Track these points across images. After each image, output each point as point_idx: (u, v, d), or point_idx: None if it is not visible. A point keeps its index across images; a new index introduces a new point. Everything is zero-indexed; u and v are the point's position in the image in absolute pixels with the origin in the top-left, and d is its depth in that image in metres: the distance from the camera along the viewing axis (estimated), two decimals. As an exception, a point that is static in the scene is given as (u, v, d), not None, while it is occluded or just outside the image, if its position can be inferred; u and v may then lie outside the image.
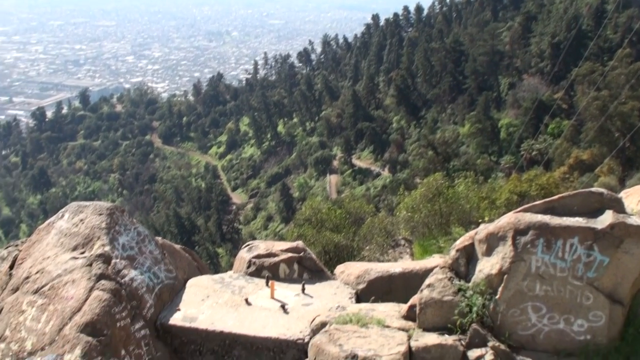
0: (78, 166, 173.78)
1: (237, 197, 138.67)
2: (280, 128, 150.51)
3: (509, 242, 8.75)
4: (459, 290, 9.07)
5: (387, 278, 11.53)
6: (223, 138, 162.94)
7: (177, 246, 12.51)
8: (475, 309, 8.78)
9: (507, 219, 8.97)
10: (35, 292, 10.01)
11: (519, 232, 8.73)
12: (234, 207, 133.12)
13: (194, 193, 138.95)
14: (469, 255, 9.40)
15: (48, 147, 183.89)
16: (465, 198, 23.75)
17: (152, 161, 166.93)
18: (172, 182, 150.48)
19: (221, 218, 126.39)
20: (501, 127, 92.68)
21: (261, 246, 12.62)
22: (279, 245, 12.68)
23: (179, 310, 10.63)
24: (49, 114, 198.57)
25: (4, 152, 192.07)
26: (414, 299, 9.44)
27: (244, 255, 12.44)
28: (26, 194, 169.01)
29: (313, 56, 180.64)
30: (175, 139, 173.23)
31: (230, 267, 12.46)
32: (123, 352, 9.36)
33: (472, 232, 9.60)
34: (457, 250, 9.50)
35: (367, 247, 24.14)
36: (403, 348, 8.65)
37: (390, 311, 9.86)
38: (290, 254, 12.26)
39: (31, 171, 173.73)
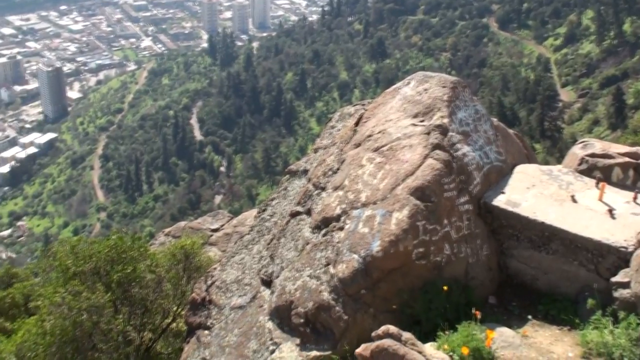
0: (413, 41, 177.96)
1: (565, 95, 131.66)
2: (626, 27, 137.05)
3: None
4: None
5: None
6: (562, 30, 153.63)
7: (511, 131, 12.45)
8: None
9: None
10: (375, 150, 10.76)
11: None
12: (560, 104, 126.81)
13: (521, 84, 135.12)
14: None
15: (389, 19, 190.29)
16: None
17: (485, 45, 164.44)
18: (501, 69, 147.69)
19: (544, 113, 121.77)
20: None
21: (597, 145, 12.00)
22: (616, 148, 11.93)
23: (503, 193, 10.70)
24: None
25: (349, 19, 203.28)
26: None
27: (577, 151, 11.96)
28: (363, 62, 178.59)
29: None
30: (512, 25, 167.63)
31: (544, 164, 12.08)
32: (445, 221, 9.77)
33: None
34: None
35: None
36: None
37: None
38: (627, 159, 11.48)
39: (370, 40, 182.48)
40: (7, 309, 21.30)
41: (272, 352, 9.99)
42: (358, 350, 7.75)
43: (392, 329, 7.74)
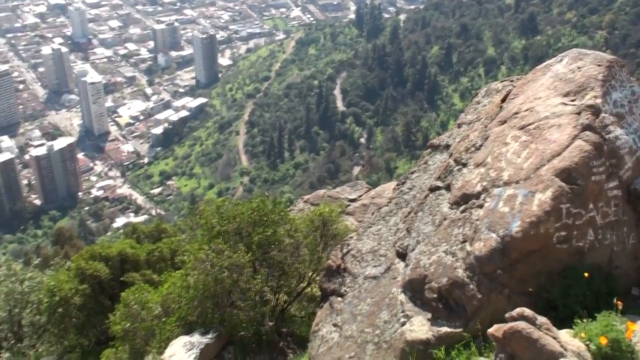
0: (567, 17, 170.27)
1: None
2: None
3: None
4: None
5: None
6: None
7: (672, 115, 11.69)
8: None
9: None
10: (521, 128, 10.45)
11: None
12: None
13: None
14: None
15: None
16: None
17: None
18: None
19: None
20: None
21: None
22: None
23: (656, 180, 10.14)
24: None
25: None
26: None
27: None
28: (512, 37, 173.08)
29: None
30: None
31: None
32: (591, 206, 9.38)
33: None
34: None
35: None
36: None
37: None
38: None
39: (521, 15, 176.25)
40: (155, 262, 22.59)
41: (403, 324, 10.06)
42: (490, 330, 7.66)
43: (527, 311, 7.58)
